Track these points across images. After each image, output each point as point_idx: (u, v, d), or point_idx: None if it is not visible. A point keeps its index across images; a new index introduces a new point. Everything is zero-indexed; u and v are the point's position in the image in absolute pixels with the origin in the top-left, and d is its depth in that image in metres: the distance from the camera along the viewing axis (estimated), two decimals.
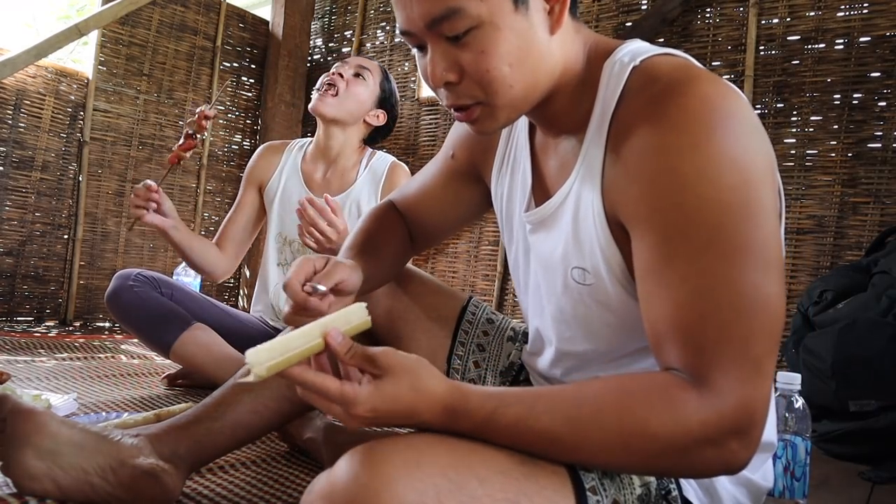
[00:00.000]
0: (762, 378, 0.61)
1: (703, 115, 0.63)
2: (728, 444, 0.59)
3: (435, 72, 0.70)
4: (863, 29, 2.23)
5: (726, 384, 0.59)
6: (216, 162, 3.64)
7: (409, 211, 1.06)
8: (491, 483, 0.57)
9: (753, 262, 0.61)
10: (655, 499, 0.70)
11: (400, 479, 0.53)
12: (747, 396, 0.59)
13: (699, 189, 0.62)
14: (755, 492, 0.80)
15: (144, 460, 0.88)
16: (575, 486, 0.63)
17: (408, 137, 3.40)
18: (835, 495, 1.31)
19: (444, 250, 3.22)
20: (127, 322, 1.72)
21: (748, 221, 0.62)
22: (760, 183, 0.64)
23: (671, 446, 0.59)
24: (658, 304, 0.64)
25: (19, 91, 2.88)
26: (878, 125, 2.19)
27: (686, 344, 0.62)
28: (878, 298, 1.68)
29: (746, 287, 0.61)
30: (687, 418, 0.59)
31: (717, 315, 0.61)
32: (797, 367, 1.73)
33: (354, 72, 1.87)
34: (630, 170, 0.68)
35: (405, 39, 0.73)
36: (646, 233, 0.66)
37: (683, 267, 0.63)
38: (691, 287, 0.62)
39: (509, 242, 0.94)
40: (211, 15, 3.55)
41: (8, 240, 2.91)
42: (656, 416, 0.59)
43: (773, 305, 0.62)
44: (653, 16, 2.63)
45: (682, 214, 0.63)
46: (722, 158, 0.62)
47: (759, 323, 0.61)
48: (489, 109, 0.72)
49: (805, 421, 1.10)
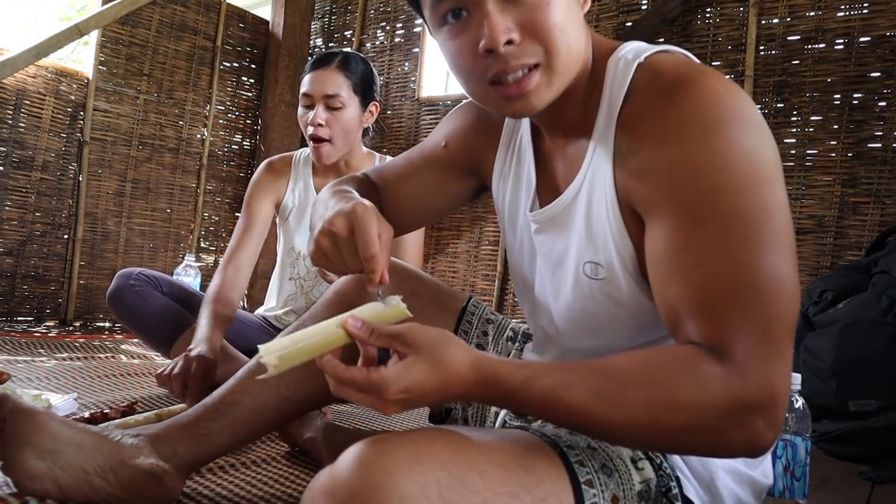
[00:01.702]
0: (783, 359, 0.60)
1: (713, 106, 0.65)
2: (752, 421, 0.58)
3: (497, 29, 0.67)
4: (863, 29, 2.23)
5: (749, 361, 0.59)
6: (216, 162, 3.64)
7: (388, 191, 1.00)
8: (491, 476, 0.58)
9: (769, 246, 0.62)
10: (656, 496, 0.70)
11: (401, 473, 0.53)
12: (770, 375, 0.59)
13: (714, 176, 0.63)
14: (756, 489, 0.80)
15: (144, 460, 0.88)
16: (572, 478, 0.64)
17: (408, 137, 3.40)
18: (835, 495, 1.31)
19: (444, 250, 3.22)
20: (128, 321, 1.72)
21: (762, 207, 0.63)
22: (771, 172, 0.65)
23: (696, 418, 0.58)
24: (676, 286, 0.64)
25: (19, 91, 2.88)
26: (879, 125, 2.19)
27: (708, 321, 0.61)
28: (878, 298, 1.68)
29: (764, 268, 0.61)
30: (713, 391, 0.58)
31: (737, 295, 0.61)
32: (797, 366, 1.73)
33: (325, 106, 1.73)
34: (643, 160, 0.68)
35: (442, 7, 0.71)
36: (661, 220, 0.66)
37: (700, 251, 0.63)
38: (710, 270, 0.62)
39: (512, 243, 0.94)
40: (211, 15, 3.55)
41: (8, 240, 2.91)
42: (683, 389, 0.59)
43: (790, 288, 0.62)
44: (653, 16, 2.63)
45: (698, 201, 0.64)
46: (732, 147, 0.63)
47: (778, 303, 0.61)
48: (547, 75, 0.70)
49: (805, 421, 1.10)
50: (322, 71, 1.74)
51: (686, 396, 0.58)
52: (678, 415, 0.58)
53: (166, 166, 3.42)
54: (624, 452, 0.71)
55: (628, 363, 0.62)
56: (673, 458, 0.75)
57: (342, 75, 1.74)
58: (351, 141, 1.79)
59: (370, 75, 1.81)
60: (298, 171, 1.92)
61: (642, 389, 0.59)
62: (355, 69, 1.77)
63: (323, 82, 1.73)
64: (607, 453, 0.69)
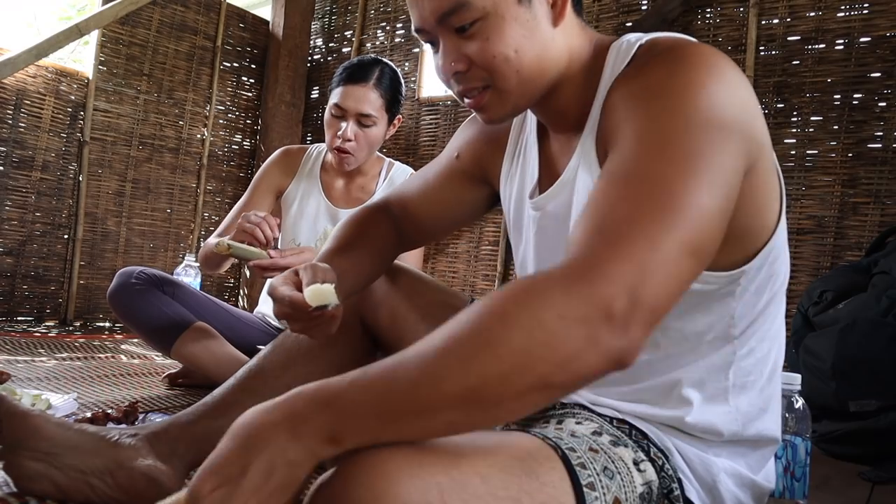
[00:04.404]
0: (662, 277, 0.55)
1: (688, 61, 0.66)
2: (598, 327, 0.53)
3: (445, 62, 0.76)
4: (863, 29, 2.23)
5: (613, 266, 0.54)
6: (216, 162, 3.64)
7: (407, 207, 1.06)
8: (493, 481, 0.57)
9: (696, 173, 0.60)
10: (658, 497, 0.70)
11: (402, 479, 0.52)
12: (634, 285, 0.54)
13: (668, 112, 0.64)
14: (758, 494, 0.80)
15: (142, 462, 0.88)
16: (573, 481, 0.63)
17: (408, 137, 3.40)
18: (835, 496, 1.31)
19: (444, 250, 3.22)
20: (129, 320, 1.72)
21: (707, 143, 0.62)
22: (730, 123, 0.64)
23: (529, 323, 0.52)
24: (591, 195, 0.64)
25: (19, 91, 2.88)
26: (879, 125, 2.19)
27: (592, 221, 0.59)
28: (878, 299, 1.68)
29: (676, 187, 0.59)
30: (542, 303, 0.53)
31: (634, 200, 0.59)
32: (797, 367, 1.73)
33: (358, 123, 1.76)
34: (615, 114, 0.70)
35: (419, 37, 0.79)
36: (611, 154, 0.67)
37: (627, 167, 0.63)
38: (625, 178, 0.62)
39: (517, 241, 0.94)
40: (211, 15, 3.55)
41: (8, 239, 2.91)
42: (512, 307, 0.54)
43: (704, 217, 0.59)
44: (653, 16, 2.63)
45: (646, 130, 0.64)
46: (698, 91, 0.64)
47: (679, 224, 0.57)
48: (496, 93, 0.76)
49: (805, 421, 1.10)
50: (359, 88, 1.75)
51: (516, 314, 0.53)
52: (504, 325, 0.53)
53: (166, 166, 3.42)
54: (626, 454, 0.71)
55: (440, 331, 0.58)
56: (675, 459, 0.74)
57: (377, 93, 1.77)
58: (372, 153, 1.86)
59: (400, 91, 1.84)
60: (308, 165, 1.96)
61: (467, 336, 0.55)
62: (389, 86, 1.80)
63: (359, 100, 1.75)
64: (609, 455, 0.69)
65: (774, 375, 0.81)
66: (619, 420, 0.77)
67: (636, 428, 0.76)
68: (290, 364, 0.98)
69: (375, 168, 1.93)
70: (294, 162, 1.96)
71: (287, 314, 0.82)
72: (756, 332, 0.77)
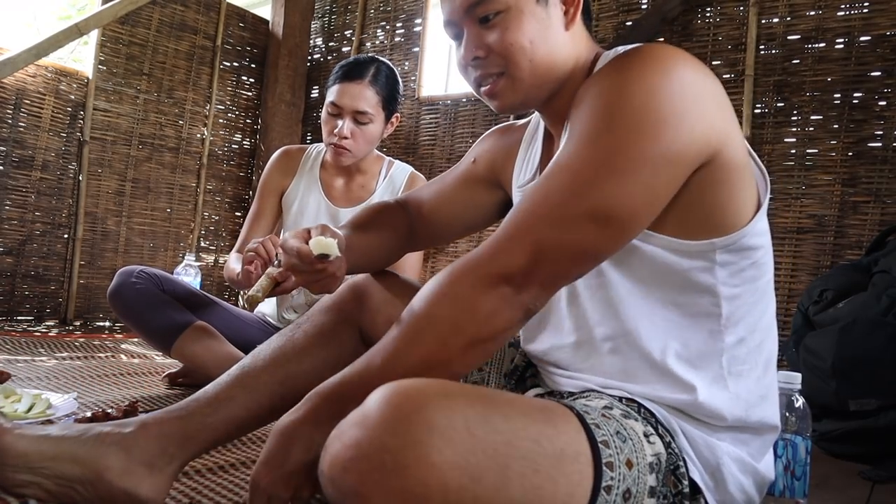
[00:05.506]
0: (557, 239, 0.69)
1: (636, 62, 0.73)
2: (502, 288, 0.69)
3: (467, 49, 0.85)
4: (863, 28, 2.23)
5: (512, 241, 0.70)
6: (216, 161, 3.64)
7: (422, 207, 1.12)
8: (514, 421, 0.61)
9: (611, 164, 0.69)
10: (665, 470, 0.73)
11: (430, 406, 0.57)
12: (531, 251, 0.69)
13: (600, 110, 0.72)
14: (759, 481, 0.82)
15: (121, 476, 0.85)
16: (589, 437, 0.66)
17: (408, 137, 3.40)
18: (835, 495, 1.31)
19: (444, 250, 3.22)
20: (129, 319, 1.71)
21: (633, 137, 0.69)
22: (668, 116, 0.70)
23: (451, 297, 0.70)
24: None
25: (19, 90, 2.88)
26: (879, 124, 2.19)
27: (513, 209, 0.74)
28: (878, 298, 1.68)
29: (587, 174, 0.70)
30: (463, 275, 0.71)
31: (547, 187, 0.72)
32: (797, 366, 1.73)
33: (353, 119, 1.75)
34: (575, 111, 0.78)
35: (448, 31, 0.88)
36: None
37: (555, 161, 0.74)
38: (548, 172, 0.73)
39: None
40: (211, 14, 3.55)
41: (8, 239, 2.91)
42: (438, 287, 0.72)
43: (613, 193, 0.69)
44: (653, 15, 2.63)
45: (578, 130, 0.74)
46: (637, 88, 0.71)
47: (580, 196, 0.69)
48: (510, 81, 0.84)
49: (805, 420, 1.10)
50: (355, 85, 1.75)
51: (441, 293, 0.71)
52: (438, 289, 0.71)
53: (166, 166, 3.43)
54: (637, 427, 0.73)
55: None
56: (680, 441, 0.77)
57: (373, 90, 1.76)
58: (370, 150, 1.86)
59: (397, 89, 1.84)
60: (308, 164, 1.96)
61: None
62: (385, 84, 1.79)
63: (354, 98, 1.74)
64: (621, 424, 0.72)
65: (770, 366, 0.85)
66: (629, 399, 0.80)
67: (644, 407, 0.79)
68: (284, 362, 0.99)
69: (375, 167, 1.93)
70: (294, 162, 1.96)
71: (294, 265, 0.90)
72: (743, 320, 0.80)
